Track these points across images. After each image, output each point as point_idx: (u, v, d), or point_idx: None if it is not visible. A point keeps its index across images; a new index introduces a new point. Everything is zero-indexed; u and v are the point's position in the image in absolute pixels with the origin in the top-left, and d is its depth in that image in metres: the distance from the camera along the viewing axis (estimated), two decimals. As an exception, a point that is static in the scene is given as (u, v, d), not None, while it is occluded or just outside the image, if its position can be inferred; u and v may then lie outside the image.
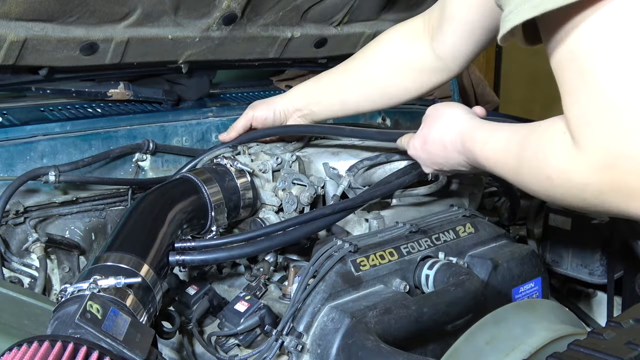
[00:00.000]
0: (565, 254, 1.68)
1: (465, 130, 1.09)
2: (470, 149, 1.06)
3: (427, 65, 1.40)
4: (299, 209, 1.42)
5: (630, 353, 0.82)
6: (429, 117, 1.20)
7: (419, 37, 1.40)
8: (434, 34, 1.36)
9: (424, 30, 1.40)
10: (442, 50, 1.36)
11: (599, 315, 1.76)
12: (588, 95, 0.73)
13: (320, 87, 1.57)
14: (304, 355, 1.11)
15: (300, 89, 1.61)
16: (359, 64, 1.51)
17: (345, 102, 1.54)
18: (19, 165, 1.53)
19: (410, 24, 1.45)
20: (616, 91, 0.70)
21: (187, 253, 1.21)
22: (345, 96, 1.53)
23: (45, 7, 1.44)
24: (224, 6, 1.73)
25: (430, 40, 1.38)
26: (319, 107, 1.57)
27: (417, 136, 1.22)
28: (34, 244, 1.43)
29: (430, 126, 1.18)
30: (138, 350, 0.90)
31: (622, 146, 0.71)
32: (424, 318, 1.11)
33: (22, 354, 0.83)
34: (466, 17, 1.26)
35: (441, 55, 1.37)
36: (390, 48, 1.46)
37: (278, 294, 1.38)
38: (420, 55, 1.40)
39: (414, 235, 1.32)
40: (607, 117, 0.72)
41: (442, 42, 1.35)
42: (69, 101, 1.83)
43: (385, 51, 1.46)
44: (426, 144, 1.19)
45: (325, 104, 1.57)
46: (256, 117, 1.61)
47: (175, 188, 1.36)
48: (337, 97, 1.54)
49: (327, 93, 1.56)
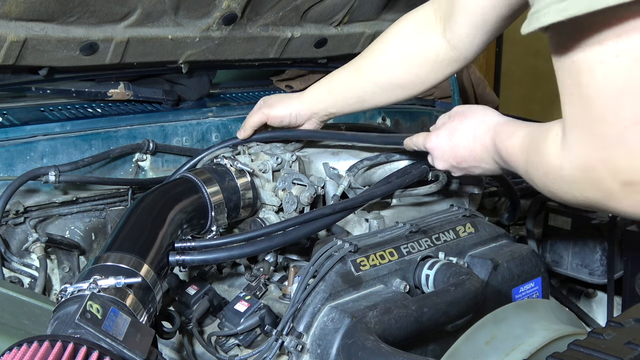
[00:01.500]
0: (565, 254, 1.68)
1: (496, 126, 1.13)
2: (496, 142, 1.10)
3: (441, 56, 1.39)
4: (299, 209, 1.42)
5: (630, 353, 0.82)
6: (460, 114, 1.23)
7: (431, 28, 1.39)
8: (446, 24, 1.35)
9: (435, 20, 1.39)
10: (456, 40, 1.35)
11: (599, 315, 1.76)
12: (580, 104, 0.80)
13: (336, 89, 1.55)
14: (304, 355, 1.11)
15: (315, 92, 1.58)
16: (372, 62, 1.49)
17: (363, 100, 1.53)
18: (19, 165, 1.53)
19: (420, 15, 1.43)
20: (604, 109, 0.77)
21: (187, 253, 1.21)
22: (362, 95, 1.52)
23: (45, 7, 1.44)
24: (224, 6, 1.73)
25: (442, 30, 1.37)
26: (336, 109, 1.57)
27: (445, 128, 1.24)
28: (34, 244, 1.43)
29: (462, 120, 1.21)
30: (138, 350, 0.90)
31: (601, 154, 0.79)
32: (424, 318, 1.11)
33: (22, 354, 0.83)
34: (479, 6, 1.26)
35: (456, 45, 1.36)
36: (402, 42, 1.45)
37: (278, 294, 1.38)
38: (434, 47, 1.39)
39: (414, 235, 1.32)
40: (592, 126, 0.79)
41: (455, 32, 1.34)
42: (69, 101, 1.83)
43: (398, 46, 1.45)
44: (454, 134, 1.21)
45: (341, 105, 1.55)
46: (272, 116, 1.58)
47: (175, 188, 1.36)
48: (354, 97, 1.53)
49: (344, 94, 1.54)
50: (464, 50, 1.37)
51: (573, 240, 1.66)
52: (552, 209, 1.70)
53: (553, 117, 0.91)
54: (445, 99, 2.59)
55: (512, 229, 1.83)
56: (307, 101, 1.58)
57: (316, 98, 1.57)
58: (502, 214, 1.80)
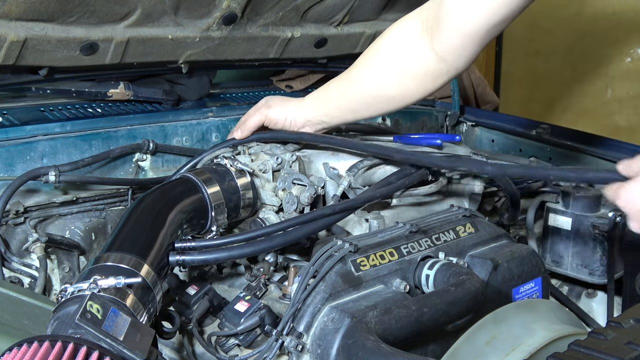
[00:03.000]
0: (565, 254, 1.68)
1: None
2: None
3: (430, 70, 1.38)
4: (299, 209, 1.42)
5: (630, 353, 0.82)
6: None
7: (418, 40, 1.37)
8: (434, 34, 1.34)
9: (422, 31, 1.37)
10: (445, 52, 1.34)
11: (599, 315, 1.76)
12: None
13: (329, 98, 1.55)
14: (304, 355, 1.11)
15: (312, 99, 1.57)
16: (361, 73, 1.48)
17: (356, 110, 1.52)
18: (19, 165, 1.53)
19: (407, 25, 1.41)
20: None
21: (187, 253, 1.21)
22: (354, 105, 1.51)
23: (45, 7, 1.44)
24: (224, 6, 1.73)
25: (430, 41, 1.35)
26: (329, 117, 1.55)
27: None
28: (34, 244, 1.43)
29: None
30: (138, 350, 0.90)
31: None
32: (424, 318, 1.11)
33: (22, 354, 0.83)
34: (469, 16, 1.25)
35: (444, 57, 1.35)
36: (389, 55, 1.43)
37: (278, 294, 1.38)
38: (421, 60, 1.38)
39: (414, 235, 1.32)
40: None
41: (444, 43, 1.32)
42: (69, 101, 1.83)
43: (385, 59, 1.44)
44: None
45: (334, 114, 1.55)
46: (269, 118, 1.57)
47: (175, 188, 1.36)
48: (347, 107, 1.52)
49: (336, 103, 1.53)
50: (454, 62, 1.35)
51: (573, 240, 1.66)
52: (552, 209, 1.69)
53: (553, 117, 0.90)
54: (445, 99, 2.59)
55: (512, 229, 1.83)
56: (303, 107, 1.57)
57: (312, 105, 1.56)
58: (502, 214, 1.80)
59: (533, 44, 4.33)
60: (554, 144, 2.11)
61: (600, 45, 4.10)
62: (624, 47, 4.06)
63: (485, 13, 1.23)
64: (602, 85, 4.16)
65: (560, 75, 4.25)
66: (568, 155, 2.07)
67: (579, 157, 2.04)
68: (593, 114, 4.13)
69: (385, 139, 1.71)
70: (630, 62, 4.07)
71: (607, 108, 4.13)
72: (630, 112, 4.08)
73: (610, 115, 4.11)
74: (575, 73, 4.20)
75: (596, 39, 4.10)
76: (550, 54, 4.27)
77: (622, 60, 4.09)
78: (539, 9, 4.19)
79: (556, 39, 4.23)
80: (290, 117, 1.57)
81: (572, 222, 1.66)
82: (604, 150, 1.99)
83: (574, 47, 4.18)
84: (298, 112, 1.57)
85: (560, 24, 4.20)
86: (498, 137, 2.32)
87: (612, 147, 1.98)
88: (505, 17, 1.24)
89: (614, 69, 4.10)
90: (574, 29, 4.16)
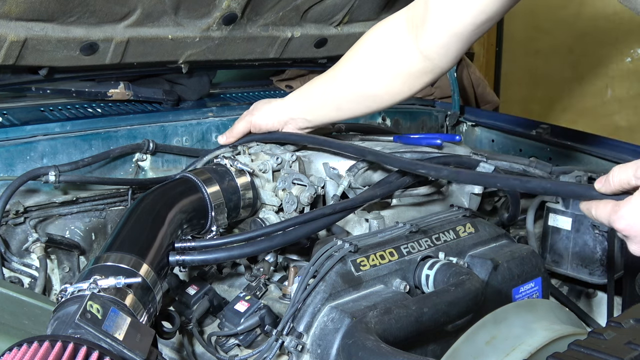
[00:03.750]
0: (565, 254, 1.68)
1: None
2: None
3: (414, 68, 1.38)
4: (299, 209, 1.42)
5: (630, 353, 0.82)
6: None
7: (403, 38, 1.37)
8: (418, 33, 1.33)
9: (408, 29, 1.36)
10: (430, 51, 1.33)
11: (599, 315, 1.76)
12: None
13: (313, 96, 1.53)
14: (304, 355, 1.11)
15: (295, 97, 1.56)
16: (347, 71, 1.47)
17: (340, 108, 1.51)
18: (19, 165, 1.53)
19: (392, 24, 1.41)
20: None
21: (187, 253, 1.21)
22: (338, 103, 1.50)
23: (45, 7, 1.44)
24: (224, 6, 1.73)
25: (415, 39, 1.35)
26: (313, 116, 1.54)
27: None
28: (34, 244, 1.43)
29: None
30: (138, 350, 0.90)
31: None
32: (424, 318, 1.11)
33: (22, 354, 0.83)
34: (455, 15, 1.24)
35: (429, 56, 1.34)
36: (374, 53, 1.42)
37: (278, 294, 1.38)
38: (406, 59, 1.37)
39: (414, 235, 1.32)
40: None
41: (429, 42, 1.32)
42: (69, 101, 1.83)
43: (371, 57, 1.43)
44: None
45: (319, 112, 1.53)
46: (254, 124, 1.57)
47: (175, 188, 1.36)
48: (331, 105, 1.51)
49: (321, 101, 1.52)
50: (439, 61, 1.35)
51: (573, 240, 1.66)
52: (552, 209, 1.69)
53: (553, 117, 0.90)
54: (445, 99, 2.59)
55: (512, 229, 1.83)
56: (286, 105, 1.56)
57: (295, 102, 1.55)
58: (502, 214, 1.80)
59: (533, 44, 4.33)
60: (553, 144, 2.11)
61: (600, 45, 4.10)
62: (624, 47, 4.07)
63: (471, 12, 1.23)
64: (602, 85, 4.16)
65: (560, 75, 4.25)
66: (568, 155, 2.07)
67: (579, 157, 2.04)
68: (593, 114, 4.13)
69: (385, 139, 1.71)
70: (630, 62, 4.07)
71: (607, 108, 4.13)
72: (630, 112, 4.08)
73: (610, 115, 4.12)
74: (575, 73, 4.20)
75: (596, 39, 4.10)
76: (550, 54, 4.27)
77: (622, 60, 4.09)
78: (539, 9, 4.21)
79: (556, 39, 4.23)
80: (273, 119, 1.56)
81: (572, 222, 1.66)
82: (604, 150, 1.99)
83: (574, 47, 4.18)
84: (281, 110, 1.56)
85: (560, 24, 4.20)
86: (498, 137, 2.32)
87: (612, 147, 1.98)
88: (491, 16, 1.24)
89: (614, 69, 4.11)
90: (574, 29, 4.16)
